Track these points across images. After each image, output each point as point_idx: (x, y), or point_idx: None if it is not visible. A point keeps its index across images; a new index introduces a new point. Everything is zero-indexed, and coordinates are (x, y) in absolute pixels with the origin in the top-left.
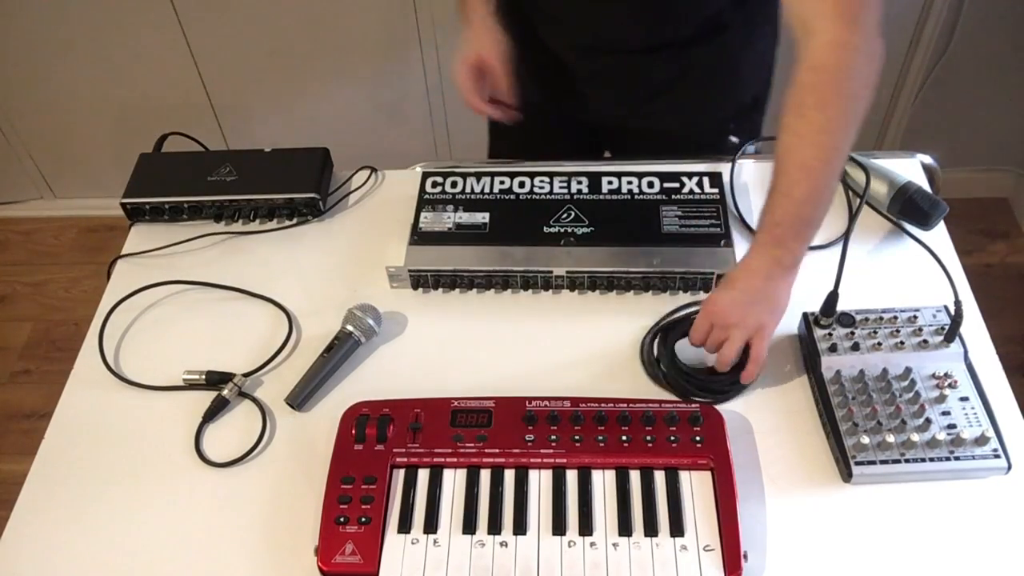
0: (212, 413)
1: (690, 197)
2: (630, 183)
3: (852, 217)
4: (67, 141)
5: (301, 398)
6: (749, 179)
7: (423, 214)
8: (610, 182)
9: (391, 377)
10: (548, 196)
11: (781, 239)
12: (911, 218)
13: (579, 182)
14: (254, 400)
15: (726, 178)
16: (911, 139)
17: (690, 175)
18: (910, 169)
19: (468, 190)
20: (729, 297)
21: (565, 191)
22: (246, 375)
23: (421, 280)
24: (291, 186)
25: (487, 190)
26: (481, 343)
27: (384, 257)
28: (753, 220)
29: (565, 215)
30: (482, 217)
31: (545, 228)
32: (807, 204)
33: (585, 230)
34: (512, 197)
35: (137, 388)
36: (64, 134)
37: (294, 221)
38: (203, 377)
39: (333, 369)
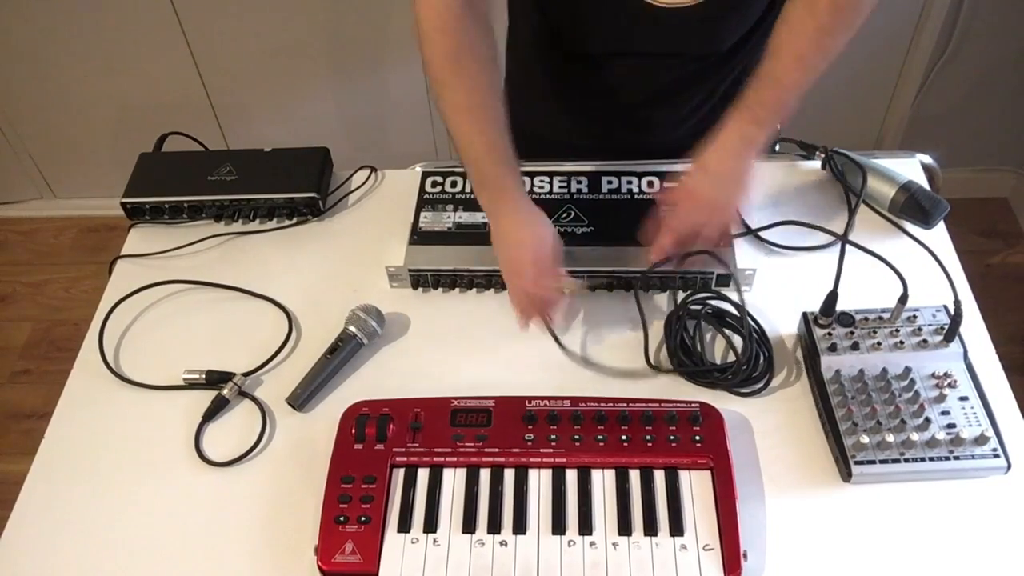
0: (212, 413)
1: None
2: (630, 183)
3: (850, 217)
4: (67, 141)
5: (302, 399)
6: None
7: (423, 214)
8: (610, 182)
9: (391, 377)
10: (548, 196)
11: (761, 120)
12: (912, 217)
13: (579, 182)
14: (254, 400)
15: None
16: (911, 139)
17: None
18: (910, 169)
19: (468, 190)
20: (708, 182)
21: (565, 191)
22: (246, 375)
23: (421, 280)
24: (291, 186)
25: None
26: (481, 343)
27: (384, 257)
28: (753, 220)
29: (565, 215)
30: (482, 217)
31: None
32: (792, 92)
33: (585, 230)
34: None
35: (137, 388)
36: (64, 134)
37: (294, 221)
38: (203, 377)
39: (335, 370)
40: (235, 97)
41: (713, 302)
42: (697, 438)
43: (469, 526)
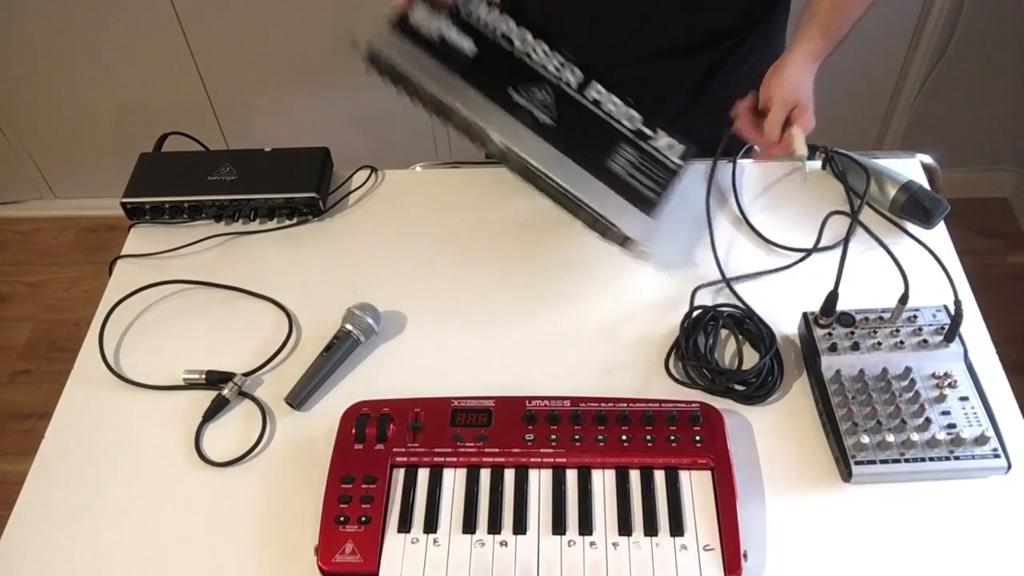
0: (212, 413)
1: (654, 152)
2: (615, 104)
3: (852, 217)
4: (67, 141)
5: (301, 397)
6: (750, 179)
7: (418, 3)
8: (599, 92)
9: (391, 376)
10: (538, 65)
11: (833, 39)
12: (913, 217)
13: (572, 72)
14: (254, 400)
15: (728, 178)
16: (911, 139)
17: (672, 132)
18: (910, 169)
19: (473, 11)
20: (798, 74)
21: (556, 72)
22: (246, 375)
23: (392, 76)
24: (291, 186)
25: (488, 24)
26: (481, 342)
27: (387, 255)
28: (755, 220)
29: (539, 94)
30: (469, 45)
31: (512, 93)
32: (854, 15)
33: (545, 119)
34: (506, 44)
35: (137, 388)
36: (64, 134)
37: (294, 221)
38: (203, 377)
39: (333, 368)
40: (235, 97)
41: (730, 309)
42: (697, 438)
43: (469, 526)
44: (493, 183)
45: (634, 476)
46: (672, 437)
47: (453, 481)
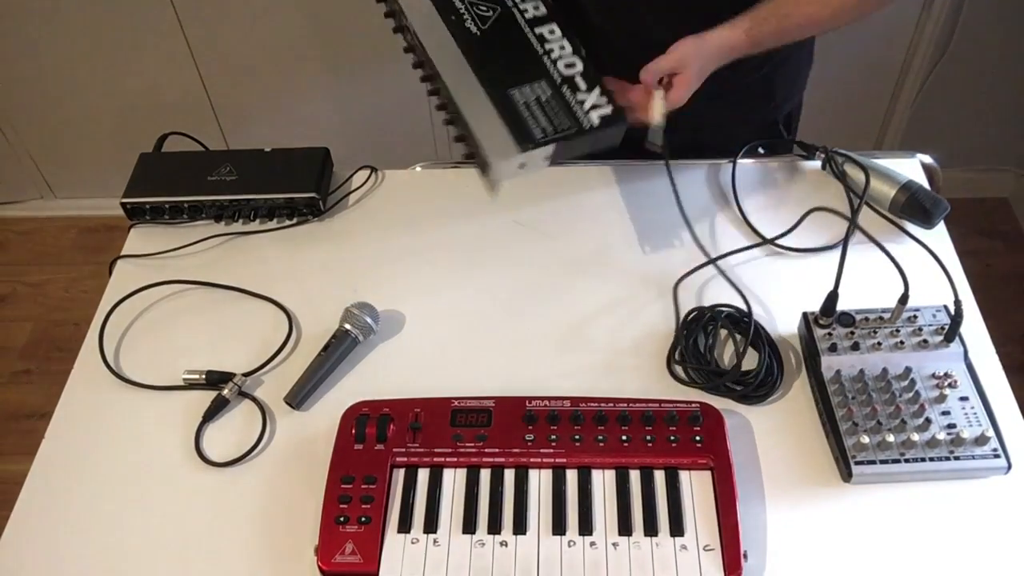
0: (212, 413)
1: (571, 102)
2: (562, 49)
3: (852, 217)
4: (67, 141)
5: (300, 397)
6: (750, 179)
7: None
8: (552, 32)
9: (391, 376)
10: None
11: (756, 43)
12: (913, 217)
13: (537, 8)
14: (254, 400)
15: (727, 178)
16: (911, 139)
17: (604, 92)
18: (910, 169)
19: None
20: (713, 56)
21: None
22: (246, 375)
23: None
24: (291, 186)
25: None
26: (481, 342)
27: (385, 253)
28: (756, 221)
29: (484, 10)
30: None
31: (456, 1)
32: (790, 35)
33: (474, 30)
34: None
35: (137, 388)
36: (64, 134)
37: (294, 221)
38: (203, 377)
39: (332, 368)
40: (235, 97)
41: (728, 309)
42: (697, 438)
43: (469, 526)
44: None
45: (634, 476)
46: (672, 437)
47: (453, 481)
